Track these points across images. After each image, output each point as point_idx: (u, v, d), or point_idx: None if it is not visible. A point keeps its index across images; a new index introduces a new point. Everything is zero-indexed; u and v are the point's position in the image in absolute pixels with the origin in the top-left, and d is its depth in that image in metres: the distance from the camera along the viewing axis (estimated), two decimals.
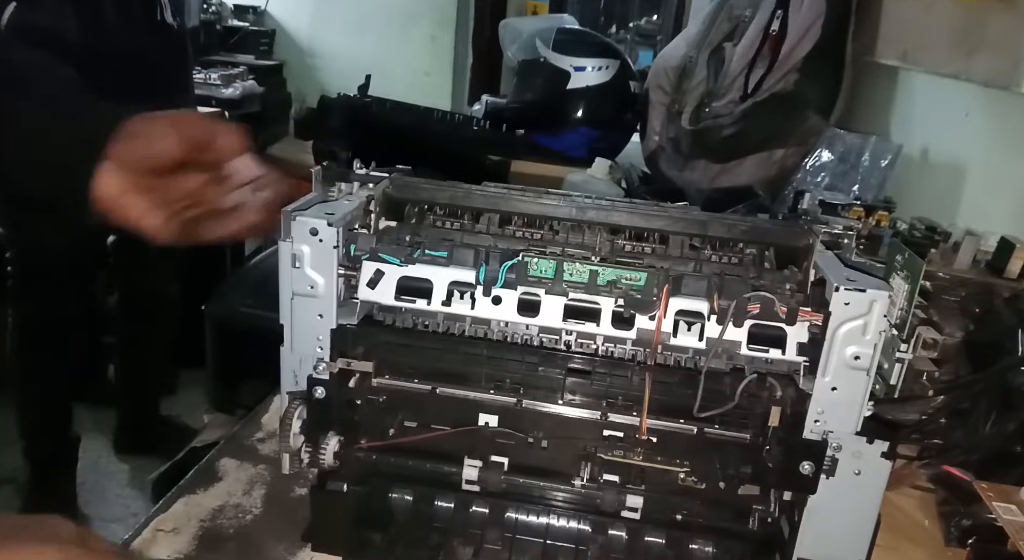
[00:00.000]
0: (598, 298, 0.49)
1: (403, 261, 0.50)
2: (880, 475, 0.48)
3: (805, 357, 0.47)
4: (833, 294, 0.45)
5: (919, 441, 0.76)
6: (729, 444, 0.49)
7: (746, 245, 0.54)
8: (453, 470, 0.53)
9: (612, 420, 0.50)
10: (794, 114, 1.42)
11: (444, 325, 0.51)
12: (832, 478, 0.48)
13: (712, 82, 1.54)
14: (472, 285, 0.50)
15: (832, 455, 0.48)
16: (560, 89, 1.78)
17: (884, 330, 0.45)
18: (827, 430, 0.47)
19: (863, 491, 0.48)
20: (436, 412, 0.52)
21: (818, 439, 0.47)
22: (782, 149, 1.42)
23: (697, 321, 0.48)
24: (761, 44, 1.46)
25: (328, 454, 0.51)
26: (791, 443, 0.48)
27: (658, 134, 1.63)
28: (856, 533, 0.49)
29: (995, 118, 1.13)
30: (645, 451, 0.51)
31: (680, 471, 0.50)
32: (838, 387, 0.46)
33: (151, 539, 0.56)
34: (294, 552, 0.56)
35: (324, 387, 0.51)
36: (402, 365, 0.52)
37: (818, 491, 0.48)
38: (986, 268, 0.82)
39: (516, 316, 0.50)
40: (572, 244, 0.54)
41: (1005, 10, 1.06)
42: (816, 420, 0.47)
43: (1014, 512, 0.60)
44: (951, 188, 1.19)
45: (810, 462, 0.48)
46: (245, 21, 2.96)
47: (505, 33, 2.03)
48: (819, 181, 1.30)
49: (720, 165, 1.48)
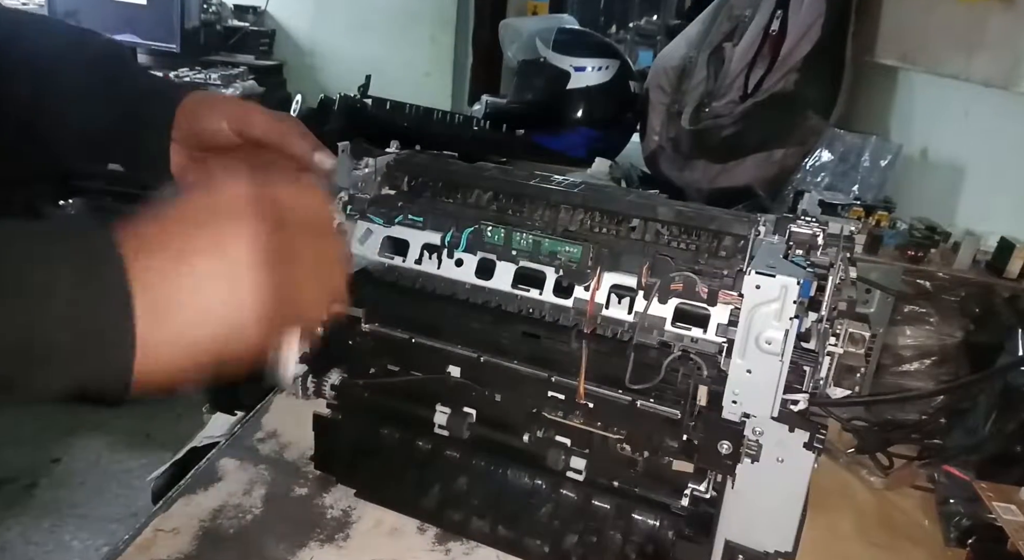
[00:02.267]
0: (544, 267, 0.54)
1: (385, 223, 0.57)
2: (803, 465, 0.48)
3: (725, 338, 0.49)
4: (744, 277, 0.46)
5: (919, 441, 0.76)
6: (660, 418, 0.50)
7: (706, 233, 0.55)
8: (427, 414, 0.57)
9: (555, 381, 0.53)
10: (794, 114, 1.41)
11: (422, 283, 0.58)
12: (757, 463, 0.49)
13: (712, 82, 1.54)
14: (440, 247, 0.56)
15: (756, 440, 0.48)
16: (560, 89, 1.77)
17: (802, 318, 0.46)
18: (745, 412, 0.48)
19: (787, 479, 0.49)
20: (413, 359, 0.58)
21: (735, 420, 0.48)
22: (782, 149, 1.42)
23: (628, 295, 0.51)
24: (761, 44, 1.46)
25: (328, 386, 0.59)
26: (711, 422, 0.49)
27: (658, 134, 1.63)
28: (782, 522, 0.50)
29: (995, 118, 1.13)
30: (584, 416, 0.53)
31: (615, 438, 0.52)
32: (753, 370, 0.47)
33: (151, 539, 0.56)
34: (294, 552, 0.56)
35: (322, 327, 0.56)
36: (388, 315, 0.58)
37: (745, 476, 0.49)
38: (986, 268, 0.82)
39: (474, 278, 0.56)
40: (529, 217, 0.58)
41: (1005, 10, 1.06)
42: (734, 401, 0.48)
43: (1014, 512, 0.60)
44: (951, 188, 1.19)
45: (728, 442, 0.49)
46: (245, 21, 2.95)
47: (505, 33, 2.03)
48: (819, 181, 1.30)
49: (720, 165, 1.48)
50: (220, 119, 0.60)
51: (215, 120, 0.60)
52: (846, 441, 0.76)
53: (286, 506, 0.61)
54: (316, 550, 0.56)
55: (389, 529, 0.59)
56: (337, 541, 0.58)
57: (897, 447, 0.75)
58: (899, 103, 1.42)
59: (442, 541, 0.59)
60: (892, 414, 0.80)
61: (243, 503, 0.61)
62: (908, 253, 0.81)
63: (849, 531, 0.65)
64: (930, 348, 0.80)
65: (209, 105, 0.60)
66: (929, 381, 0.80)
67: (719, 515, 0.51)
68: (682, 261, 0.51)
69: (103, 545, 1.86)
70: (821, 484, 0.71)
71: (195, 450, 1.38)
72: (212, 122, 0.60)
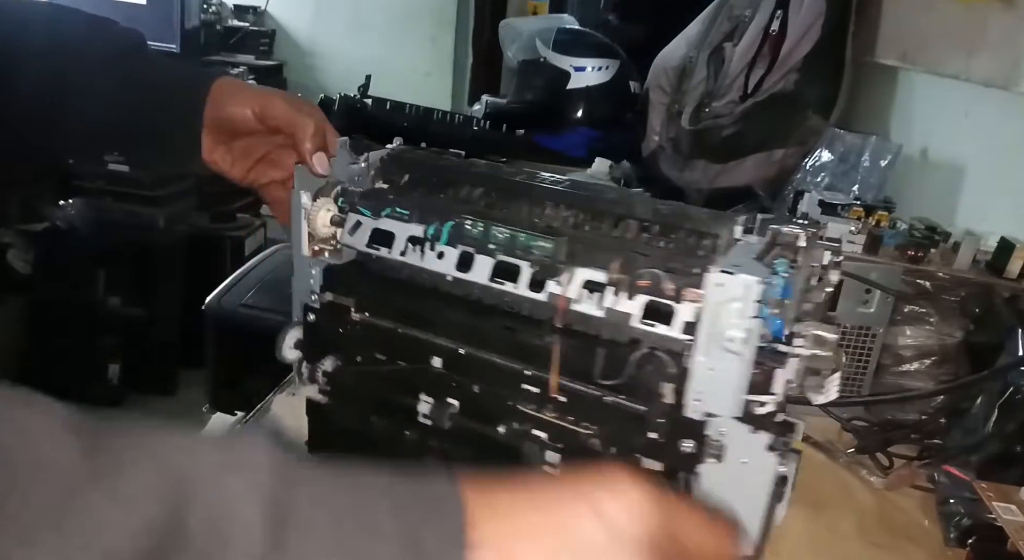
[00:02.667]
0: (520, 261, 0.54)
1: (373, 215, 0.58)
2: (765, 468, 0.47)
3: (690, 336, 0.48)
4: (706, 275, 0.46)
5: (919, 441, 0.76)
6: (628, 414, 0.50)
7: (685, 232, 0.55)
8: (412, 403, 0.58)
9: (530, 375, 0.53)
10: (794, 114, 1.42)
11: (408, 275, 0.58)
12: (722, 464, 0.48)
13: (712, 82, 1.54)
14: (423, 240, 0.57)
15: (719, 440, 0.48)
16: (560, 89, 1.78)
17: (776, 319, 0.46)
18: (707, 411, 0.48)
19: (749, 482, 0.48)
20: (399, 349, 0.59)
21: (698, 419, 0.48)
22: (782, 149, 1.42)
23: (600, 291, 0.51)
24: (761, 44, 1.46)
25: (319, 372, 0.60)
26: (674, 420, 0.49)
27: (658, 134, 1.63)
28: (745, 525, 0.49)
29: (995, 118, 1.13)
30: (557, 410, 0.53)
31: (586, 433, 0.52)
32: (714, 369, 0.47)
33: None
34: None
35: (314, 314, 0.60)
36: (376, 305, 0.59)
37: (710, 476, 0.49)
38: (986, 268, 0.82)
39: (455, 271, 0.56)
40: (513, 212, 0.58)
41: (1005, 10, 1.06)
42: (696, 400, 0.47)
43: (1014, 512, 0.60)
44: (951, 188, 1.19)
45: (690, 441, 0.48)
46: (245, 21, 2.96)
47: (505, 33, 2.03)
48: (819, 181, 1.30)
49: (720, 165, 1.48)
50: (244, 106, 0.62)
51: (239, 107, 0.62)
52: (846, 441, 0.76)
53: None
54: None
55: None
56: None
57: (897, 447, 0.75)
58: (899, 103, 1.42)
59: None
60: (892, 414, 0.80)
61: None
62: (908, 253, 0.81)
63: (849, 531, 0.65)
64: (930, 348, 0.80)
65: (233, 92, 0.63)
66: (929, 381, 0.80)
67: None
68: (658, 259, 0.52)
69: None
70: (821, 484, 0.71)
71: None
72: (237, 109, 0.63)
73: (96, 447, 0.26)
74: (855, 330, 0.79)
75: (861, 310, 0.79)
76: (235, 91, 0.63)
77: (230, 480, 0.27)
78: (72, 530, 0.24)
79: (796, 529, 0.64)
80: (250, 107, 0.62)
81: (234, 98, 0.62)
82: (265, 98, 0.63)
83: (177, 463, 0.27)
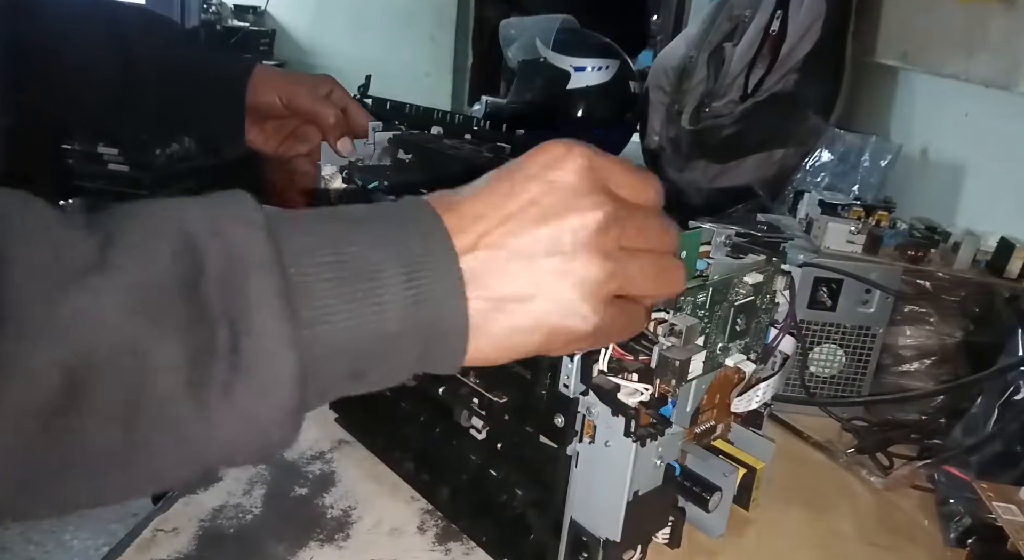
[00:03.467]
0: None
1: (363, 186, 0.62)
2: (623, 453, 0.48)
3: None
4: None
5: (919, 441, 0.76)
6: (521, 381, 0.52)
7: None
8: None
9: None
10: (794, 114, 1.41)
11: None
12: (592, 444, 0.50)
13: (712, 82, 1.54)
14: None
15: (592, 421, 0.49)
16: (560, 89, 1.77)
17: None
18: (577, 388, 0.49)
19: (612, 465, 0.49)
20: None
21: (568, 395, 0.49)
22: (782, 149, 1.42)
23: None
24: (761, 44, 1.46)
25: None
26: (552, 393, 0.50)
27: (658, 134, 1.63)
28: (610, 508, 0.50)
29: (995, 118, 1.13)
30: (477, 375, 0.56)
31: (499, 402, 0.54)
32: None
33: (151, 539, 0.56)
34: (294, 552, 0.56)
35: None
36: None
37: (584, 456, 0.50)
38: (986, 268, 0.82)
39: None
40: None
41: (1005, 11, 1.06)
42: (568, 376, 0.49)
43: (1014, 512, 0.60)
44: (951, 188, 1.19)
45: (560, 416, 0.50)
46: (245, 21, 2.96)
47: (505, 33, 2.03)
48: (819, 181, 1.30)
49: (720, 165, 1.48)
50: (273, 93, 0.72)
51: (270, 94, 0.72)
52: (846, 441, 0.76)
53: (286, 506, 0.61)
54: (316, 550, 0.57)
55: (389, 529, 0.59)
56: (337, 541, 0.58)
57: (897, 447, 0.75)
58: (899, 103, 1.42)
59: (442, 541, 0.59)
60: (892, 414, 0.80)
61: (243, 503, 0.61)
62: (908, 253, 0.81)
63: (849, 531, 0.65)
64: (930, 348, 0.80)
65: (265, 80, 0.72)
66: (929, 381, 0.80)
67: (568, 492, 0.52)
68: None
69: (103, 545, 1.86)
70: (821, 484, 0.71)
71: None
72: (268, 96, 0.72)
73: (96, 221, 0.28)
74: (855, 330, 0.79)
75: (861, 310, 0.79)
76: (266, 78, 0.72)
77: (224, 219, 0.29)
78: (111, 274, 0.26)
79: (795, 529, 0.65)
80: (278, 95, 0.72)
81: (265, 85, 0.72)
82: (290, 88, 0.73)
83: (173, 214, 0.29)
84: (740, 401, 0.56)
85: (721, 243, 0.55)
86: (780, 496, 0.68)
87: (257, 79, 0.72)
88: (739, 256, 0.55)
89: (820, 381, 0.81)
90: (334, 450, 0.68)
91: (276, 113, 0.73)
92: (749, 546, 0.62)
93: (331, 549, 0.57)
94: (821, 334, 0.80)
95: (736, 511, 0.62)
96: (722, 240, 0.55)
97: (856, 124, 1.45)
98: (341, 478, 0.65)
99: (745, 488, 0.60)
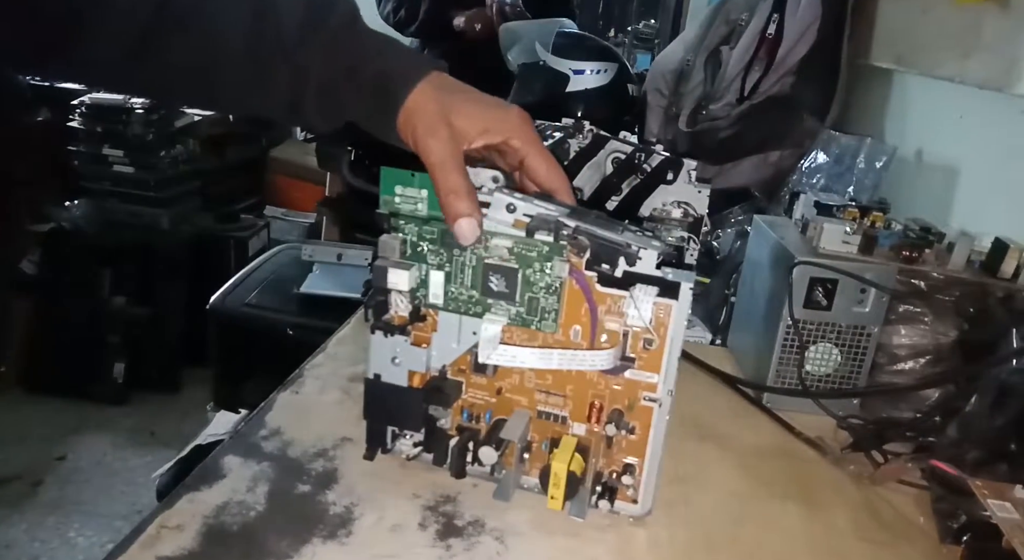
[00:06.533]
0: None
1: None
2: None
3: None
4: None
5: (914, 439, 0.77)
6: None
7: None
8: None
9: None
10: (790, 117, 1.43)
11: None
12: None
13: (709, 85, 1.55)
14: None
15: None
16: (559, 92, 1.79)
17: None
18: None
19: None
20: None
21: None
22: (778, 151, 1.43)
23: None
24: (757, 47, 1.47)
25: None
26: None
27: (655, 136, 1.64)
28: None
29: (990, 120, 1.14)
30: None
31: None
32: None
33: (156, 535, 0.57)
34: (297, 548, 0.57)
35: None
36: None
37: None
38: (980, 268, 0.83)
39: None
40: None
41: (1000, 13, 1.07)
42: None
43: (1008, 509, 0.61)
44: (945, 189, 1.20)
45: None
46: None
47: (505, 36, 2.04)
48: (815, 182, 1.31)
49: (717, 167, 1.49)
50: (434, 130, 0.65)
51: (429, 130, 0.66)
52: (841, 438, 0.77)
53: (289, 503, 0.62)
54: (319, 546, 0.57)
55: (390, 525, 0.60)
56: (339, 537, 0.58)
57: (892, 445, 0.76)
58: (894, 105, 1.43)
59: (443, 537, 0.59)
60: (887, 412, 0.81)
61: (247, 500, 0.61)
62: (903, 253, 0.82)
63: (843, 528, 0.66)
64: (924, 347, 0.81)
65: (422, 111, 0.59)
66: None
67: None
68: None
69: (108, 542, 1.86)
70: (816, 481, 0.72)
71: (199, 448, 1.38)
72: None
73: None
74: (850, 329, 0.80)
75: (856, 309, 0.80)
76: (424, 109, 0.58)
77: None
78: None
79: (791, 525, 0.65)
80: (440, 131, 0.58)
81: (422, 119, 0.58)
82: (455, 137, 0.58)
83: None
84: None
85: (504, 207, 0.56)
86: (775, 492, 0.69)
87: (415, 106, 0.58)
88: (532, 235, 0.56)
89: (816, 379, 0.82)
90: (336, 448, 0.69)
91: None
92: (746, 542, 0.63)
93: (334, 545, 0.57)
94: (817, 333, 0.81)
95: (732, 508, 0.63)
96: (506, 206, 0.56)
97: (851, 126, 1.46)
98: (343, 475, 0.65)
99: None
